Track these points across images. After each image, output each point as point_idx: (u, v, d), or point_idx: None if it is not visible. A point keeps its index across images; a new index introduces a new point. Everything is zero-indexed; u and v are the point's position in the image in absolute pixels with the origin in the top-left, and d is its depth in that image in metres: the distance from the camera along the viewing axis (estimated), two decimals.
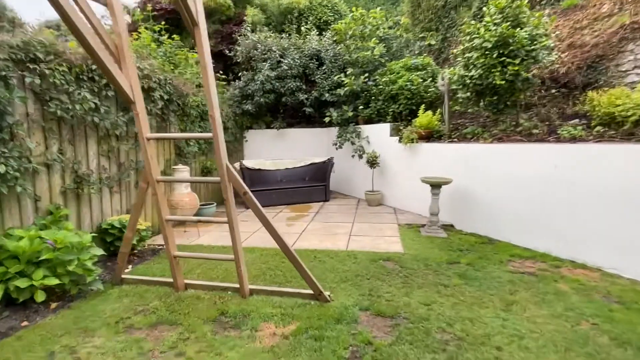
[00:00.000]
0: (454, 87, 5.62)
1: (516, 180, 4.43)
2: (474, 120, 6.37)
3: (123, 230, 3.99)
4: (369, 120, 7.51)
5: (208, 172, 5.98)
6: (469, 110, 5.80)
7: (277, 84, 7.95)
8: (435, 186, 4.97)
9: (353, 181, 8.02)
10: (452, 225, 5.37)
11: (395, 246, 4.47)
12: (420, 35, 8.78)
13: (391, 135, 6.73)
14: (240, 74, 8.21)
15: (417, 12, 9.57)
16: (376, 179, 7.04)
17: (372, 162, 6.78)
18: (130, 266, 3.94)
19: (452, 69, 5.68)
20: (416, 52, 8.38)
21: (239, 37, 8.52)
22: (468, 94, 5.26)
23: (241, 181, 2.82)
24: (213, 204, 6.07)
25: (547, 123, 4.87)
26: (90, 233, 3.41)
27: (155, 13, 8.36)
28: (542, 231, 4.15)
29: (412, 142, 6.01)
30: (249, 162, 7.51)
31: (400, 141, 6.36)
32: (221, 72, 8.65)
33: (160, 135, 2.95)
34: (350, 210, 6.60)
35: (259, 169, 7.71)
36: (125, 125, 4.31)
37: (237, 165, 7.00)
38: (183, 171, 4.92)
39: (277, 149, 8.71)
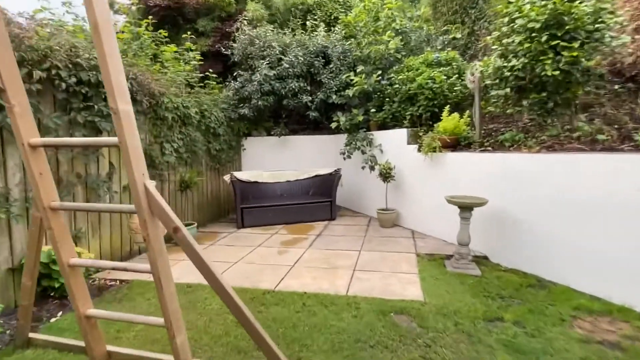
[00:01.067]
0: (487, 82, 4.56)
1: (577, 203, 3.31)
2: (510, 124, 5.27)
3: (53, 266, 3.10)
4: (383, 126, 6.50)
5: (187, 188, 5.08)
6: (508, 111, 4.71)
7: (277, 84, 7.06)
8: (466, 209, 3.89)
9: (364, 196, 6.99)
10: (486, 258, 4.27)
11: (412, 289, 3.41)
12: (444, 29, 7.74)
13: (409, 142, 5.69)
14: (236, 74, 7.37)
15: (439, 4, 8.54)
16: (390, 195, 6.00)
17: (386, 175, 5.75)
18: (59, 313, 3.04)
19: (485, 59, 4.63)
20: (438, 47, 7.34)
21: (235, 33, 7.70)
22: (507, 90, 4.19)
23: (169, 211, 1.86)
24: (193, 224, 5.16)
25: (615, 127, 3.74)
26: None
27: (142, 6, 7.65)
28: (617, 274, 3.02)
29: (434, 152, 4.96)
30: (243, 174, 6.60)
31: (419, 150, 5.32)
32: (213, 73, 7.83)
33: (50, 140, 2.03)
34: (359, 233, 5.56)
35: (255, 182, 6.79)
36: (65, 128, 3.46)
37: (227, 177, 6.09)
38: None
39: (279, 159, 7.79)
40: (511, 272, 3.82)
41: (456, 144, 5.04)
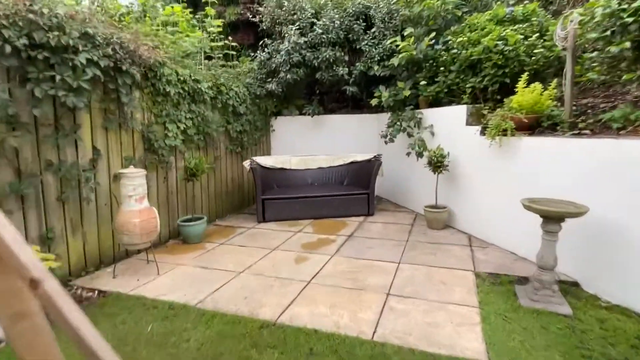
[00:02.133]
0: (591, 36, 3.24)
1: None
2: (612, 98, 3.87)
3: None
4: (435, 102, 5.31)
5: (193, 177, 4.35)
6: (623, 79, 3.36)
7: (309, 54, 6.07)
8: (553, 219, 2.73)
9: (408, 189, 5.88)
10: (576, 285, 3.09)
11: (470, 336, 2.38)
12: None
13: (468, 123, 4.49)
14: (262, 42, 6.48)
15: None
16: (442, 189, 4.86)
17: (437, 164, 4.62)
18: None
19: (590, 1, 3.28)
20: (511, 2, 5.86)
21: None
22: (625, 44, 2.87)
23: (22, 254, 1.04)
24: (201, 219, 4.46)
25: None
26: None
27: None
28: None
29: (505, 135, 3.75)
30: (266, 159, 5.79)
31: (483, 133, 4.13)
32: (243, 44, 7.00)
33: None
34: (400, 235, 4.54)
35: (282, 169, 5.96)
36: (25, 104, 2.80)
37: (246, 163, 5.32)
38: (133, 177, 3.34)
39: (312, 142, 6.89)
40: (619, 312, 2.65)
41: (535, 125, 3.78)
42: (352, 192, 5.52)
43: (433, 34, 5.17)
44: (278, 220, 5.31)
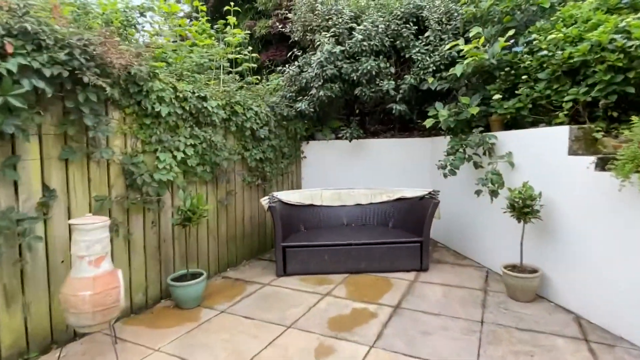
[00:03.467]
0: None
1: None
2: None
3: None
4: (513, 123, 4.00)
5: (187, 222, 3.36)
6: None
7: (346, 65, 5.03)
8: None
9: (476, 235, 4.51)
10: None
11: None
12: None
13: (573, 152, 3.13)
14: (291, 53, 5.56)
15: None
16: (529, 243, 3.48)
17: (523, 209, 3.28)
18: None
19: None
20: None
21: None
22: None
23: None
24: (200, 275, 3.44)
25: None
26: None
27: None
28: None
29: None
30: (292, 194, 4.75)
31: (603, 167, 2.78)
32: (275, 59, 6.17)
33: None
34: (470, 311, 3.21)
35: (311, 205, 4.88)
36: None
37: (264, 200, 4.29)
38: (87, 230, 2.40)
39: (349, 172, 5.77)
40: None
41: None
42: (400, 239, 4.27)
43: (510, 31, 3.93)
44: (303, 274, 4.17)
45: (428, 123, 4.57)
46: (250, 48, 4.99)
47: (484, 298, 3.48)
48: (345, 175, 5.74)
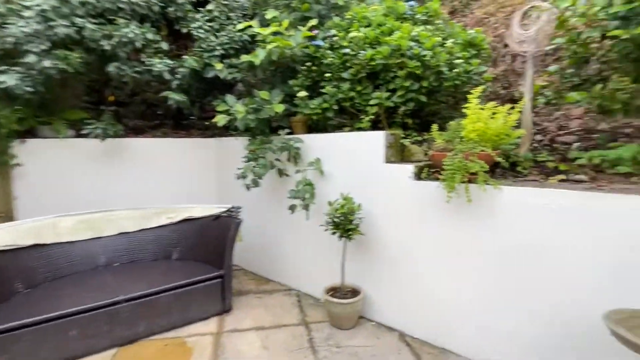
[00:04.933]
0: (585, 36, 2.21)
1: None
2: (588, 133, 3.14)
3: None
4: (316, 126, 3.62)
5: None
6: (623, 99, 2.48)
7: (92, 26, 3.36)
8: None
9: (283, 253, 3.92)
10: None
11: None
12: None
13: (389, 159, 2.95)
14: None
15: None
16: (352, 259, 3.14)
17: (344, 227, 2.88)
18: None
19: None
20: None
21: None
22: None
23: None
24: None
25: None
26: None
27: None
28: None
29: (473, 183, 2.35)
30: None
31: (419, 176, 2.67)
32: None
33: None
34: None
35: (36, 246, 2.99)
36: None
37: None
38: None
39: (105, 185, 4.03)
40: None
41: (494, 166, 2.54)
42: (193, 278, 3.13)
43: (313, 21, 3.49)
44: None
45: (220, 120, 3.60)
46: None
47: (310, 336, 2.89)
48: (98, 191, 3.98)
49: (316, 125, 3.65)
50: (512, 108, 2.47)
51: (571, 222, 2.04)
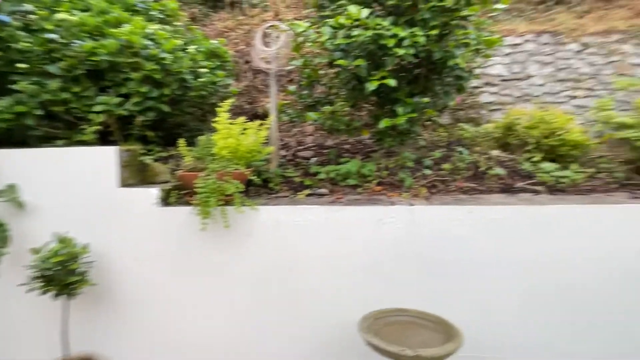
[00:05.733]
0: (320, 60, 2.43)
1: None
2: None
3: None
4: (8, 138, 2.52)
5: None
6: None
7: None
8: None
9: None
10: None
11: None
12: None
13: (126, 182, 2.33)
14: None
15: None
16: (84, 319, 2.29)
17: (63, 280, 2.06)
18: None
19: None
20: None
21: None
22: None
23: None
24: None
25: None
26: None
27: None
28: None
29: (230, 205, 2.14)
30: None
31: (167, 202, 2.26)
32: None
33: None
34: None
35: None
36: None
37: None
38: None
39: None
40: None
41: (247, 183, 2.46)
42: None
43: None
44: None
45: None
46: None
47: None
48: None
49: (8, 137, 2.54)
50: (262, 124, 2.43)
51: (319, 234, 2.15)
